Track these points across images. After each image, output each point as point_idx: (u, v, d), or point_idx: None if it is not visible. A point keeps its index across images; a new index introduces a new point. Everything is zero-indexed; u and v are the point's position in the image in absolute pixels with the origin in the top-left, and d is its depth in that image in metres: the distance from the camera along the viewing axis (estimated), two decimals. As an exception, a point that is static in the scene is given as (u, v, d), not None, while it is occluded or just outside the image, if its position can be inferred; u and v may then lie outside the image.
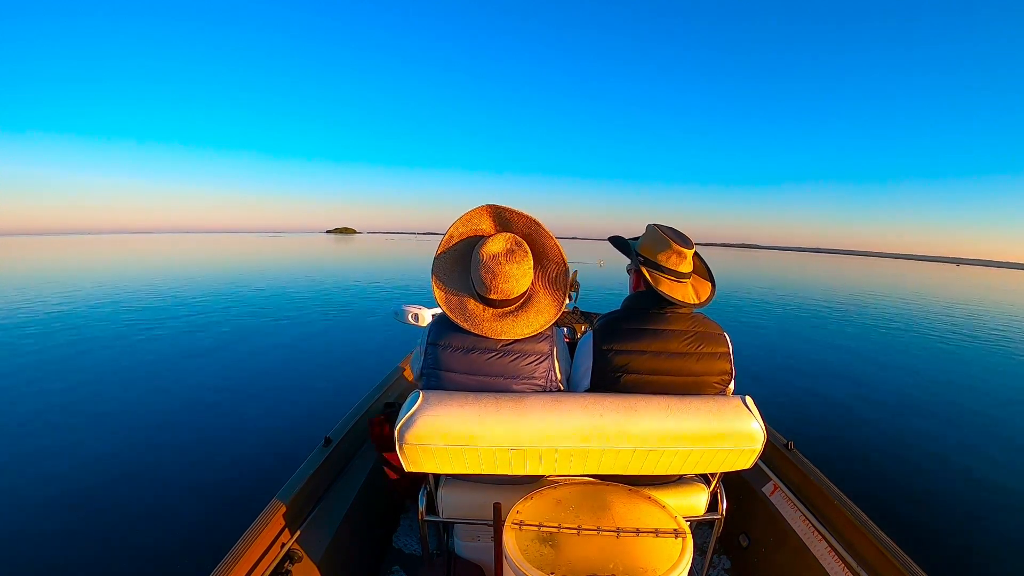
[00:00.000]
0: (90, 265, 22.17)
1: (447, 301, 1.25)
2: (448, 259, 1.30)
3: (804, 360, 7.18)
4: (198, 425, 3.90)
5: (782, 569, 1.60)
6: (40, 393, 4.61)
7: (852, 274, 37.35)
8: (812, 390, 5.54)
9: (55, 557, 2.33)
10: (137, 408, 4.26)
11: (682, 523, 1.07)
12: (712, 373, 1.26)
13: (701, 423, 1.10)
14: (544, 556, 0.97)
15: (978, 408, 5.18)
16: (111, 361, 5.79)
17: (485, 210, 1.30)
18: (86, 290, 12.25)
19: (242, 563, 1.20)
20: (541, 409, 1.09)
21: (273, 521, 1.36)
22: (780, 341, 8.58)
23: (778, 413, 4.47)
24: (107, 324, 7.97)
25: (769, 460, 1.88)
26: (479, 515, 1.32)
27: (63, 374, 5.23)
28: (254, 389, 4.87)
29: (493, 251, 1.20)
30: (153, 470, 3.16)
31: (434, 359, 1.25)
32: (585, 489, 1.21)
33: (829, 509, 1.57)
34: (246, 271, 19.67)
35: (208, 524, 2.59)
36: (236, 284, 14.40)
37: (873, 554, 1.35)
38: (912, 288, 24.64)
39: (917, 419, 4.73)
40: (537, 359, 1.25)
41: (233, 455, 3.39)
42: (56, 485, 2.95)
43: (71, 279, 15.25)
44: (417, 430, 1.07)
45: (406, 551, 1.92)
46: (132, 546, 2.41)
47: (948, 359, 7.77)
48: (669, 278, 1.28)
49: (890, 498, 3.11)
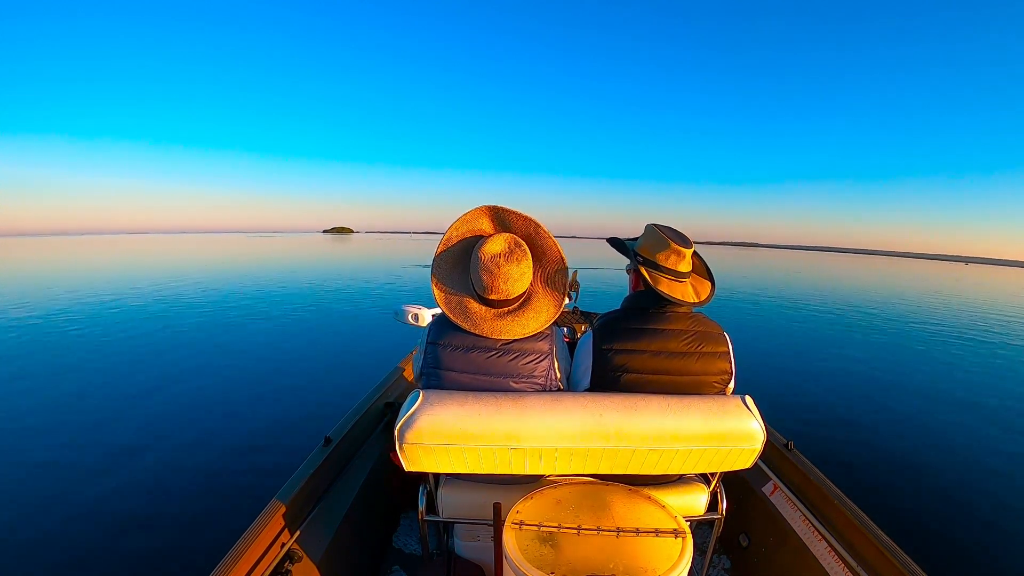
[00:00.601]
0: (87, 266, 22.18)
1: (447, 301, 1.26)
2: (447, 259, 1.30)
3: (804, 360, 7.17)
4: (198, 425, 3.90)
5: (782, 569, 1.60)
6: (40, 393, 4.61)
7: (854, 273, 37.30)
8: (812, 390, 5.53)
9: (55, 557, 2.34)
10: (137, 408, 4.26)
11: (682, 523, 1.07)
12: (712, 372, 1.26)
13: (701, 423, 1.10)
14: (544, 556, 0.98)
15: (979, 408, 5.17)
16: (111, 361, 5.79)
17: (484, 210, 1.30)
18: (84, 291, 12.25)
19: (242, 563, 1.20)
20: (541, 408, 1.09)
21: (273, 521, 1.36)
22: (780, 341, 8.57)
23: (778, 413, 4.47)
24: (107, 324, 7.97)
25: (769, 460, 1.88)
26: (479, 515, 1.32)
27: (63, 374, 5.24)
28: (254, 389, 4.87)
29: (492, 251, 1.20)
30: (153, 470, 3.16)
31: (434, 358, 1.25)
32: (585, 489, 1.21)
33: (829, 509, 1.56)
34: (245, 271, 19.68)
35: (208, 524, 2.59)
36: (235, 284, 14.40)
37: (873, 554, 1.35)
38: (918, 287, 24.51)
39: (917, 419, 4.73)
40: (537, 358, 1.25)
41: (233, 455, 3.39)
42: (56, 485, 2.96)
43: (68, 280, 15.25)
44: (417, 430, 1.07)
45: (406, 551, 1.92)
46: (132, 546, 2.42)
47: (950, 358, 7.76)
48: (668, 278, 1.28)
49: (890, 498, 3.11)
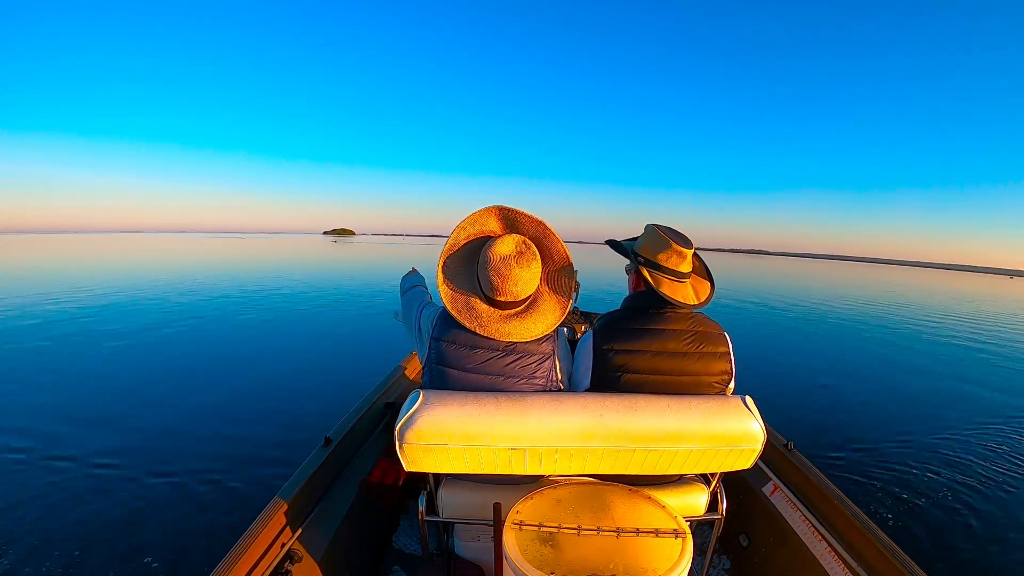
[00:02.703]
0: (88, 265, 22.14)
1: (453, 301, 1.25)
2: (454, 259, 1.29)
3: (804, 360, 7.17)
4: (198, 425, 3.90)
5: (782, 569, 1.60)
6: (38, 392, 4.61)
7: (862, 280, 36.70)
8: (812, 390, 5.53)
9: (55, 556, 2.33)
10: (136, 408, 4.25)
11: (682, 523, 1.07)
12: (712, 373, 1.26)
13: (701, 423, 1.10)
14: (544, 556, 0.97)
15: (979, 408, 5.17)
16: (111, 362, 5.78)
17: (492, 211, 1.29)
18: (84, 289, 12.23)
19: (242, 563, 1.21)
20: (541, 409, 1.09)
21: (273, 521, 1.36)
22: (781, 341, 8.58)
23: (778, 413, 4.47)
24: (107, 324, 7.96)
25: (769, 460, 1.88)
26: (479, 515, 1.32)
27: (63, 373, 5.23)
28: (254, 389, 4.87)
29: (503, 253, 1.19)
30: (153, 470, 3.16)
31: (437, 354, 1.25)
32: (585, 489, 1.21)
33: (829, 509, 1.56)
34: (245, 272, 19.66)
35: (208, 524, 2.59)
36: (235, 285, 14.38)
37: (873, 554, 1.35)
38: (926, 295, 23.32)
39: (918, 419, 4.73)
40: (539, 359, 1.24)
41: (233, 455, 3.38)
42: (56, 485, 2.95)
43: (68, 279, 15.22)
44: (417, 430, 1.07)
45: (406, 551, 1.92)
46: (132, 546, 2.41)
47: (952, 359, 7.77)
48: (670, 278, 1.28)
49: (890, 498, 3.11)
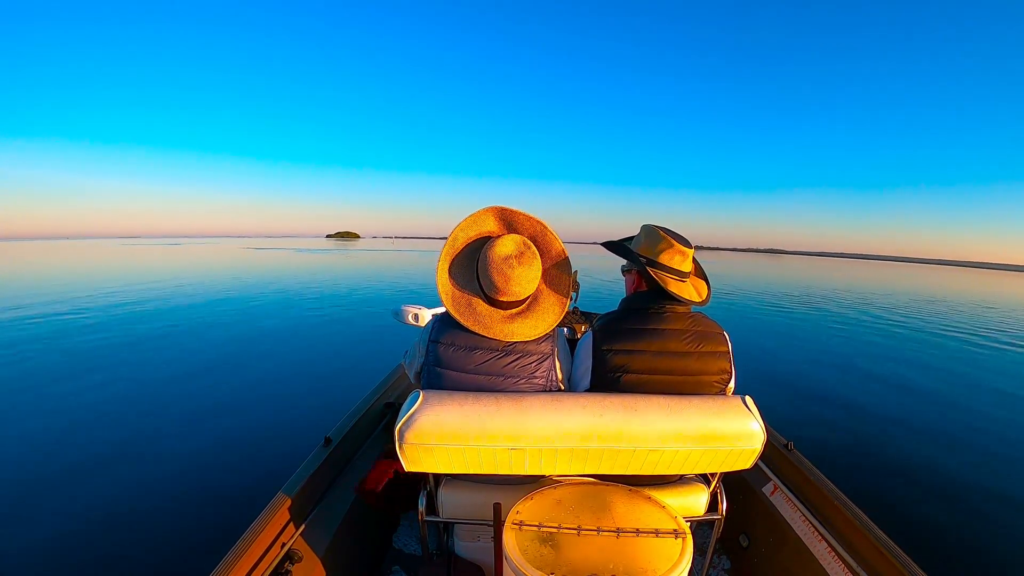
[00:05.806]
0: (91, 269, 22.16)
1: (454, 301, 1.25)
2: (454, 261, 1.29)
3: (804, 360, 7.16)
4: (198, 426, 3.90)
5: (782, 569, 1.60)
6: (37, 392, 4.61)
7: (868, 278, 36.41)
8: (812, 390, 5.52)
9: (54, 556, 2.33)
10: (136, 408, 4.25)
11: (682, 523, 1.07)
12: (711, 372, 1.26)
13: (701, 423, 1.10)
14: (544, 556, 0.97)
15: (980, 408, 5.16)
16: (111, 363, 5.79)
17: (491, 211, 1.30)
18: (86, 294, 12.25)
19: (242, 563, 1.20)
20: (541, 409, 1.09)
21: (273, 521, 1.36)
22: (781, 341, 8.57)
23: (778, 413, 4.46)
24: (107, 326, 7.97)
25: (769, 460, 1.88)
26: (479, 515, 1.32)
27: (62, 373, 5.23)
28: (254, 389, 4.87)
29: (504, 253, 1.20)
30: (154, 470, 3.16)
31: (435, 357, 1.25)
32: (585, 489, 1.21)
33: (829, 509, 1.56)
34: (245, 274, 19.68)
35: (208, 524, 2.59)
36: (235, 286, 14.41)
37: (873, 554, 1.35)
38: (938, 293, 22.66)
39: (918, 419, 4.72)
40: (539, 359, 1.25)
41: (233, 455, 3.39)
42: (56, 484, 2.95)
43: (71, 283, 15.25)
44: (417, 430, 1.07)
45: (406, 551, 1.92)
46: (132, 546, 2.41)
47: (952, 360, 7.76)
48: (673, 277, 1.28)
49: (890, 498, 3.11)
